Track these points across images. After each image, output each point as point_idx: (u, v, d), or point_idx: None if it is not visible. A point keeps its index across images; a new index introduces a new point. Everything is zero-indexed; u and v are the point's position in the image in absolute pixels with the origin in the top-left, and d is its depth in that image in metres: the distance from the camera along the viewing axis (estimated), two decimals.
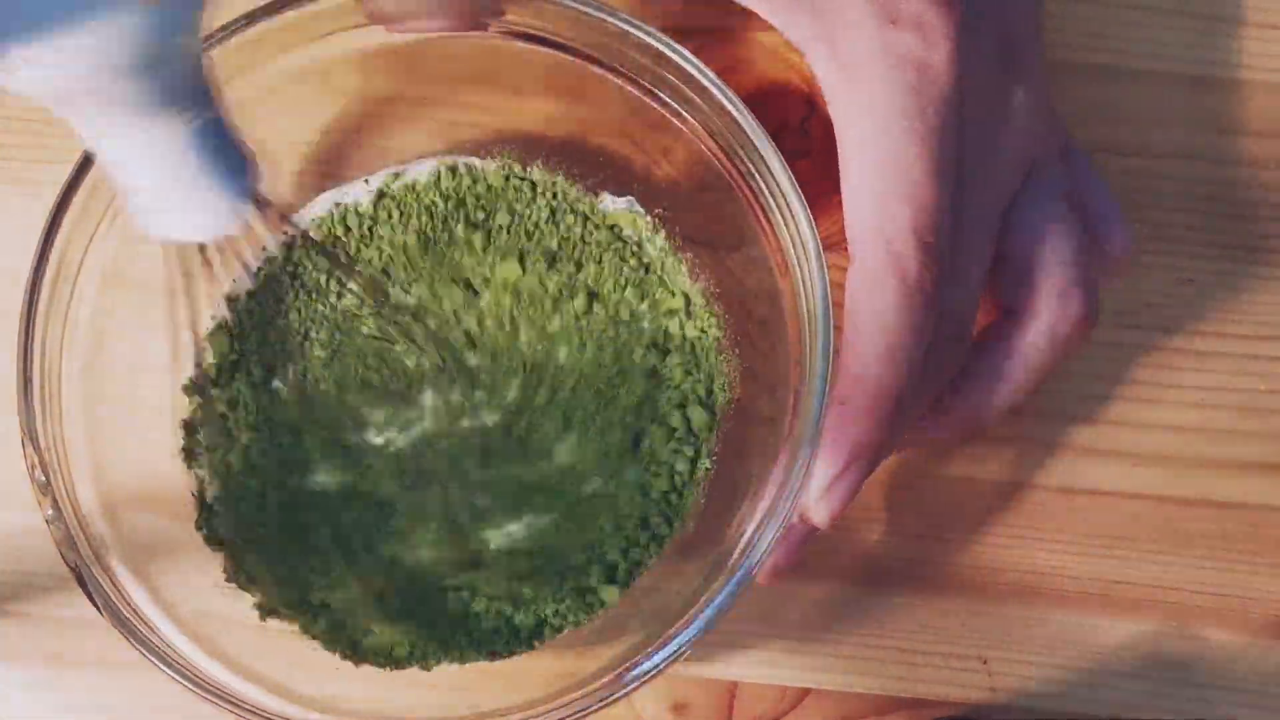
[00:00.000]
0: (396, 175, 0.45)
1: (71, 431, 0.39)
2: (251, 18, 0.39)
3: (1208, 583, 0.47)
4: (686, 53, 0.39)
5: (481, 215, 0.45)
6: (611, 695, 0.37)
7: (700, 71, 0.39)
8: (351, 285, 0.43)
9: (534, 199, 0.45)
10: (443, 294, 0.45)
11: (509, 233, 0.45)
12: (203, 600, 0.41)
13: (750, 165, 0.39)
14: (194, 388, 0.44)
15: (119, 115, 0.28)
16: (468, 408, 0.44)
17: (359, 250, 0.45)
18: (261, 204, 0.32)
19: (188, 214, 0.30)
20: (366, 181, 0.45)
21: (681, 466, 0.44)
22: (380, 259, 0.45)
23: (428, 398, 0.44)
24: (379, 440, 0.44)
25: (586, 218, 0.45)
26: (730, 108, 0.39)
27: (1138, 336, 0.48)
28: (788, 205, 0.38)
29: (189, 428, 0.44)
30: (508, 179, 0.45)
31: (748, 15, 0.40)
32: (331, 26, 0.40)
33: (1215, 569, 0.47)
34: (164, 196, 0.30)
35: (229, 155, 0.30)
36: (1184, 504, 0.47)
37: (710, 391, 0.44)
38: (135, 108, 0.28)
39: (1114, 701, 0.46)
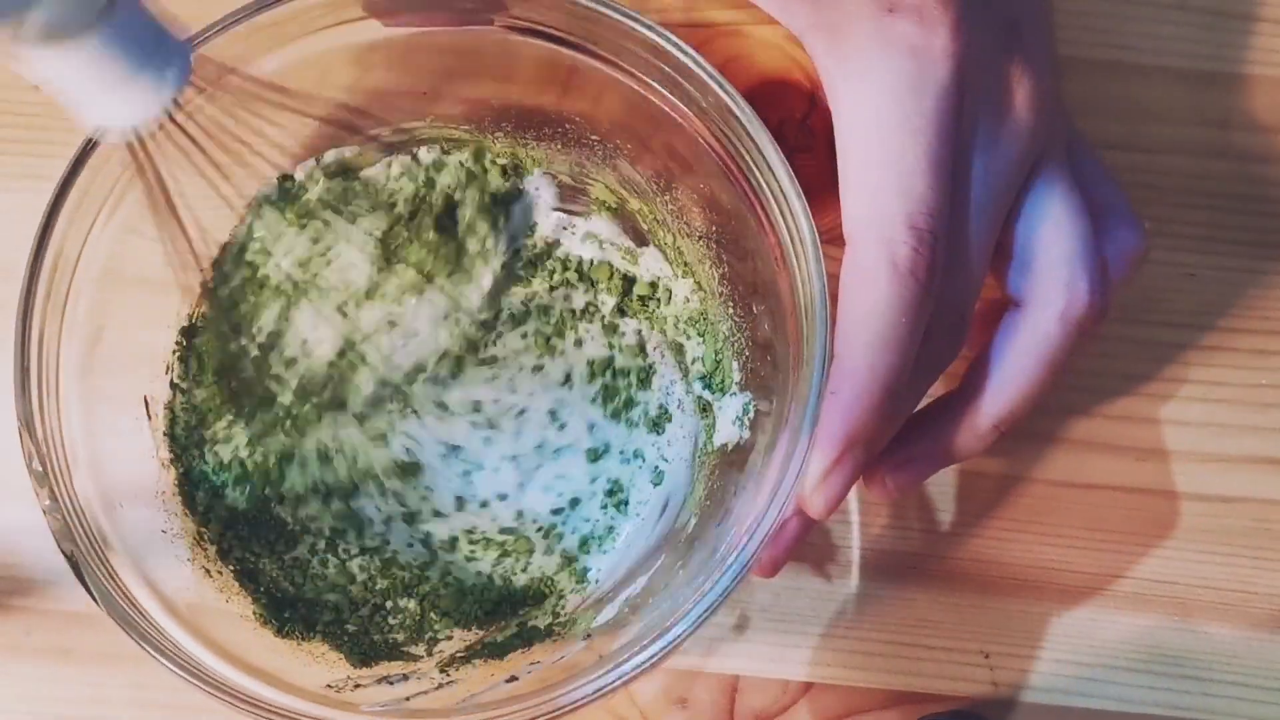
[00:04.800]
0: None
1: (69, 423, 0.39)
2: (250, 11, 0.39)
3: (1209, 577, 0.47)
4: (687, 47, 0.39)
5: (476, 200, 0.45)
6: (606, 687, 0.37)
7: (700, 66, 0.39)
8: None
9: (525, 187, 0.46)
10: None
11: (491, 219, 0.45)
12: (200, 593, 0.41)
13: (749, 159, 0.39)
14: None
15: (47, 38, 0.29)
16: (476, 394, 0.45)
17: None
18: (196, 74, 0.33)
19: (115, 104, 0.32)
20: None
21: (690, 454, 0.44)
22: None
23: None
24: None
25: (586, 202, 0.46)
26: (729, 102, 0.39)
27: (1141, 331, 0.48)
28: (785, 200, 0.38)
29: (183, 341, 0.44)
30: (502, 172, 0.45)
31: (750, 9, 0.40)
32: (327, 21, 0.40)
33: (1217, 563, 0.47)
34: (91, 93, 0.31)
35: (152, 44, 0.31)
36: (1186, 498, 0.47)
37: (721, 379, 0.45)
38: (59, 26, 0.29)
39: (1116, 695, 0.46)
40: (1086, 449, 0.47)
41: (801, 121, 0.48)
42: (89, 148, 0.38)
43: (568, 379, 0.46)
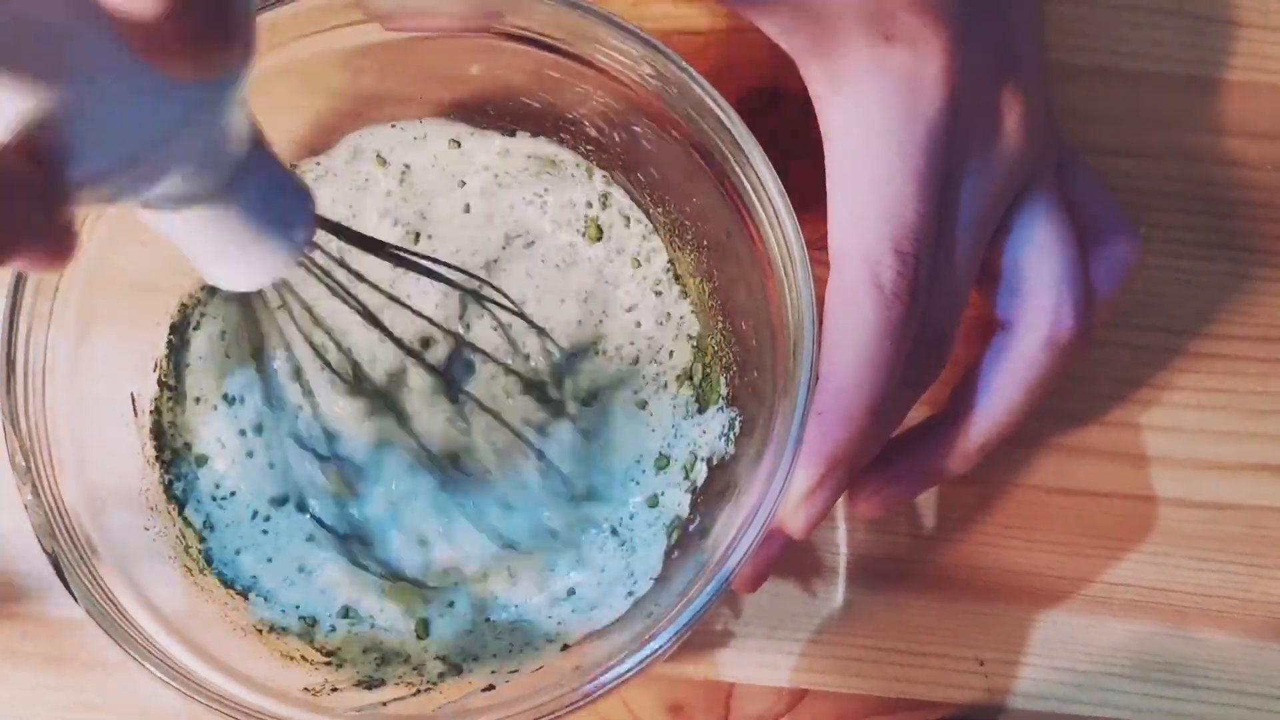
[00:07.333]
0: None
1: (55, 420, 0.39)
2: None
3: (1205, 584, 0.47)
4: (678, 57, 0.39)
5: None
6: (584, 698, 0.37)
7: (692, 77, 0.39)
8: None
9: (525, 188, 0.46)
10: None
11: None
12: (182, 593, 0.41)
13: (740, 172, 0.39)
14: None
15: (174, 204, 0.28)
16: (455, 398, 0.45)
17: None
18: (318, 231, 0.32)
19: (251, 267, 0.31)
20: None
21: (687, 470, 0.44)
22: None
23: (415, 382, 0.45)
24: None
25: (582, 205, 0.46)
26: (721, 113, 0.39)
27: (1136, 337, 0.48)
28: (775, 213, 0.38)
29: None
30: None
31: None
32: (324, 24, 0.40)
33: (1213, 570, 0.47)
34: (228, 257, 0.30)
35: (280, 206, 0.30)
36: (1181, 505, 0.47)
37: (708, 393, 0.45)
38: (189, 195, 0.28)
39: (1111, 702, 0.46)
40: (1081, 455, 0.47)
41: (796, 128, 0.48)
42: None
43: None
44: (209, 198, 0.28)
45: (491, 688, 0.40)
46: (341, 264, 0.39)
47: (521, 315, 0.44)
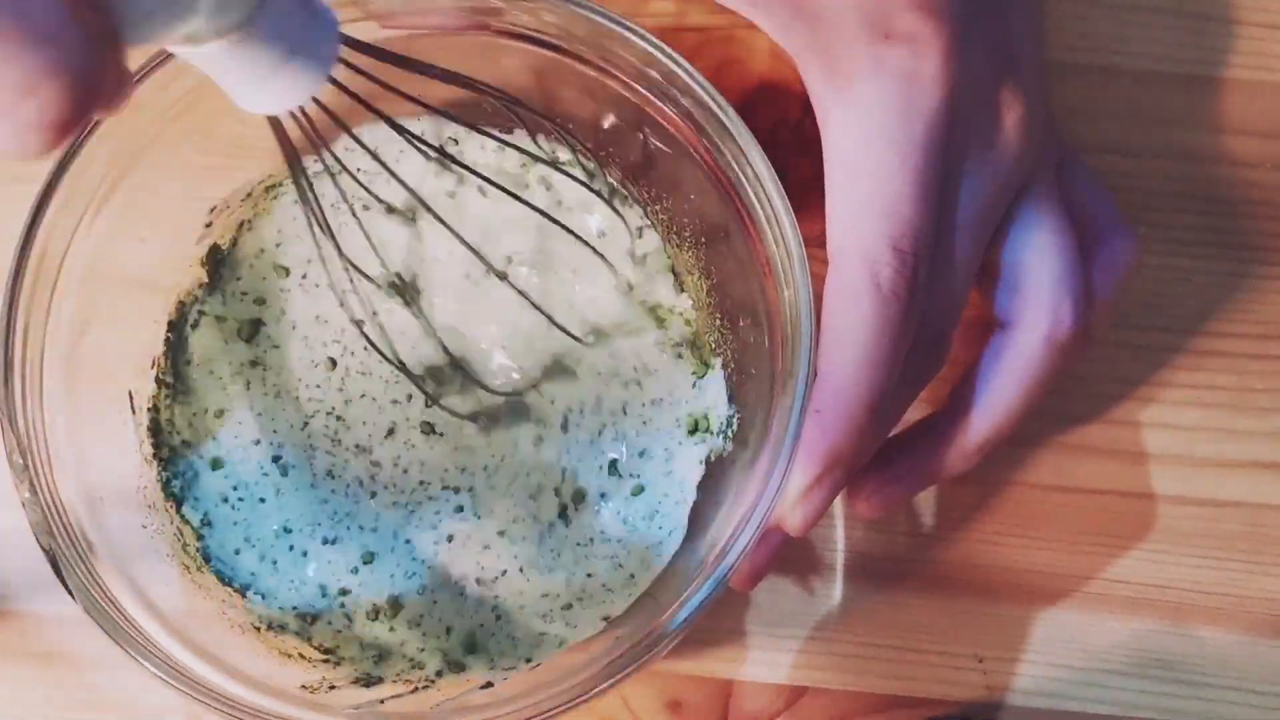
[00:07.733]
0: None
1: (52, 418, 0.39)
2: None
3: (1203, 581, 0.47)
4: (677, 55, 0.39)
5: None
6: (582, 695, 0.37)
7: (690, 75, 0.39)
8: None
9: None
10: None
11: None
12: (180, 590, 0.42)
13: (738, 170, 0.39)
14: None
15: (204, 39, 0.29)
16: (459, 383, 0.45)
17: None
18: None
19: (282, 90, 0.32)
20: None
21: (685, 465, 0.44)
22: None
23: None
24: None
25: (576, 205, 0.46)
26: (719, 112, 0.39)
27: (1135, 335, 0.48)
28: (774, 212, 0.38)
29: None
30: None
31: None
32: None
33: (1211, 568, 0.47)
34: (260, 83, 0.31)
35: (304, 27, 0.31)
36: (1180, 502, 0.47)
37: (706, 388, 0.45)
38: (217, 29, 0.29)
39: (1109, 700, 0.46)
40: (1079, 453, 0.47)
41: (796, 125, 0.48)
42: (74, 149, 0.39)
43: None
44: (235, 28, 0.29)
45: (490, 685, 0.40)
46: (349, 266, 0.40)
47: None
